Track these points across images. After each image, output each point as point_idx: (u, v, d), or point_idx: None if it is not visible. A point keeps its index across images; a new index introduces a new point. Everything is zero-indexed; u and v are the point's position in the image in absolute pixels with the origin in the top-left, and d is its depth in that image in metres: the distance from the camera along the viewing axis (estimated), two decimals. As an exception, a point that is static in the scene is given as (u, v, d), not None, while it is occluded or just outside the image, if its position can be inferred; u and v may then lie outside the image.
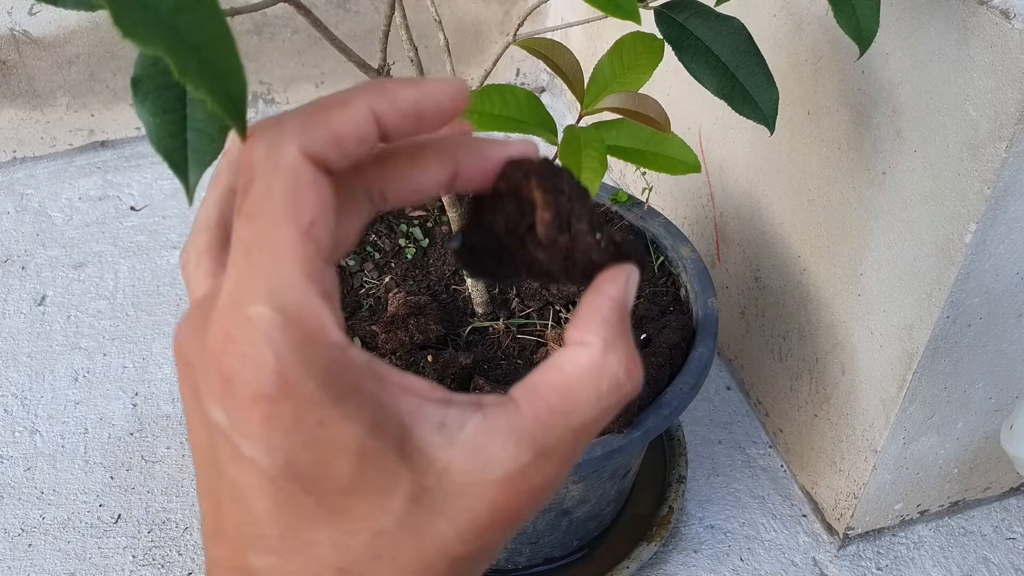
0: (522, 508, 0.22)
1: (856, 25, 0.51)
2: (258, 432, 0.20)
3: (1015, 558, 0.85)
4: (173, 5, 0.19)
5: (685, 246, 0.80)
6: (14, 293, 1.12)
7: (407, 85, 0.22)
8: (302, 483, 0.20)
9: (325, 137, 0.21)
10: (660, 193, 1.12)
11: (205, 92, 0.19)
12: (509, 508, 0.21)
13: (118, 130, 1.36)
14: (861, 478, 0.79)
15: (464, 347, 0.73)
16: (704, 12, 0.52)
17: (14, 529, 0.87)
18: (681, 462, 0.88)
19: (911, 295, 0.67)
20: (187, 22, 0.19)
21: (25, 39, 1.24)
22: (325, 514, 0.20)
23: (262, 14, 1.32)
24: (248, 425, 0.20)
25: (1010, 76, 0.53)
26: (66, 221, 1.23)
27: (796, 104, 0.76)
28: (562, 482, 0.23)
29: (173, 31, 0.19)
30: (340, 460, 0.20)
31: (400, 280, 0.79)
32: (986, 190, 0.57)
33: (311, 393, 0.19)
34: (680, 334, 0.71)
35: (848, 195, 0.71)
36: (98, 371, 1.02)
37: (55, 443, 0.94)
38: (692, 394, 0.67)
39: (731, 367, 1.01)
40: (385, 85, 0.22)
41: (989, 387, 0.74)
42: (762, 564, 0.84)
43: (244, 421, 0.20)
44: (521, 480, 0.21)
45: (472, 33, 1.43)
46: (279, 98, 1.40)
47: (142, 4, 0.19)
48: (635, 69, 0.51)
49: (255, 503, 0.21)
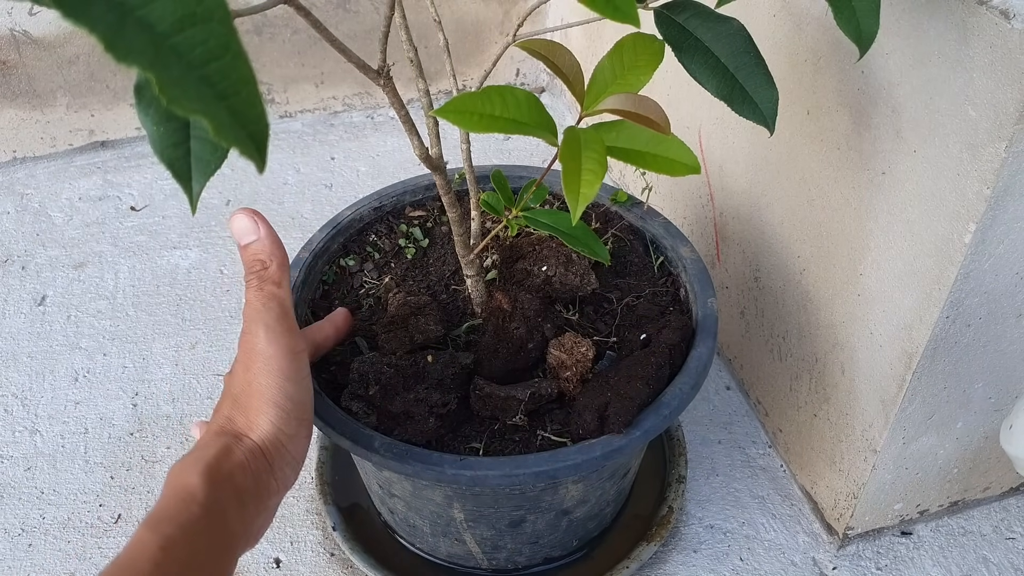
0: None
1: (856, 27, 0.51)
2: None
3: (1015, 558, 0.85)
4: (204, 55, 0.20)
5: (685, 246, 0.80)
6: (14, 293, 1.12)
7: (330, 328, 0.69)
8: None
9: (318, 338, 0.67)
10: (660, 193, 1.12)
11: (233, 142, 0.20)
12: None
13: (118, 130, 1.36)
14: (861, 478, 0.79)
15: (464, 347, 0.73)
16: (704, 13, 0.52)
17: (14, 529, 0.87)
18: (681, 462, 0.88)
19: (911, 295, 0.67)
20: (216, 70, 0.20)
21: (25, 39, 1.24)
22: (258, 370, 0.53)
23: (262, 15, 1.32)
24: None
25: (1010, 76, 0.53)
26: (66, 221, 1.23)
27: (796, 104, 0.76)
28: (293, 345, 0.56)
29: (205, 82, 0.20)
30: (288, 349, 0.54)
31: (400, 280, 0.79)
32: (985, 190, 0.57)
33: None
34: (680, 334, 0.71)
35: (848, 195, 0.72)
36: (98, 371, 1.02)
37: (55, 443, 0.94)
38: (692, 394, 0.67)
39: (731, 367, 1.01)
40: (325, 327, 0.69)
41: (989, 387, 0.74)
42: (762, 564, 0.84)
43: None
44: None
45: (472, 33, 1.43)
46: (279, 98, 1.40)
47: (177, 57, 0.19)
48: (635, 70, 0.51)
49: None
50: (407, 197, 0.87)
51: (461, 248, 0.70)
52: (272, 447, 0.52)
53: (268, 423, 0.52)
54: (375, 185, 1.24)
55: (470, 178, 0.70)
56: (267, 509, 0.54)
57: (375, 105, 1.45)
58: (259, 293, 0.54)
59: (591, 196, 0.44)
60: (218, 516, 0.47)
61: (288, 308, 0.54)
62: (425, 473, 0.62)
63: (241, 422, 0.52)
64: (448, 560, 0.80)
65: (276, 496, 0.53)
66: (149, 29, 0.19)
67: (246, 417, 0.52)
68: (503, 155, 1.37)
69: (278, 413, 0.52)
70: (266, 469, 0.52)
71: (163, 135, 0.35)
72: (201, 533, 0.46)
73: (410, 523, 0.77)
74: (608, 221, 0.84)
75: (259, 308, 0.53)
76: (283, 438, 0.52)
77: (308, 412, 0.55)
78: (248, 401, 0.52)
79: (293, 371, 0.53)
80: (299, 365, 0.54)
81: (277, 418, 0.52)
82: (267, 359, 0.52)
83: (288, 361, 0.53)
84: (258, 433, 0.52)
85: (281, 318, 0.53)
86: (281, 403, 0.52)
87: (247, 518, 0.50)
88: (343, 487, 0.87)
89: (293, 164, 1.34)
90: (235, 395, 0.53)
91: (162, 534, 0.44)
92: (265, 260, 0.54)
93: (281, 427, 0.52)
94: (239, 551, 0.50)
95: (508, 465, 0.62)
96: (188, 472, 0.48)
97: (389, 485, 0.73)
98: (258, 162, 0.22)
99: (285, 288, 0.55)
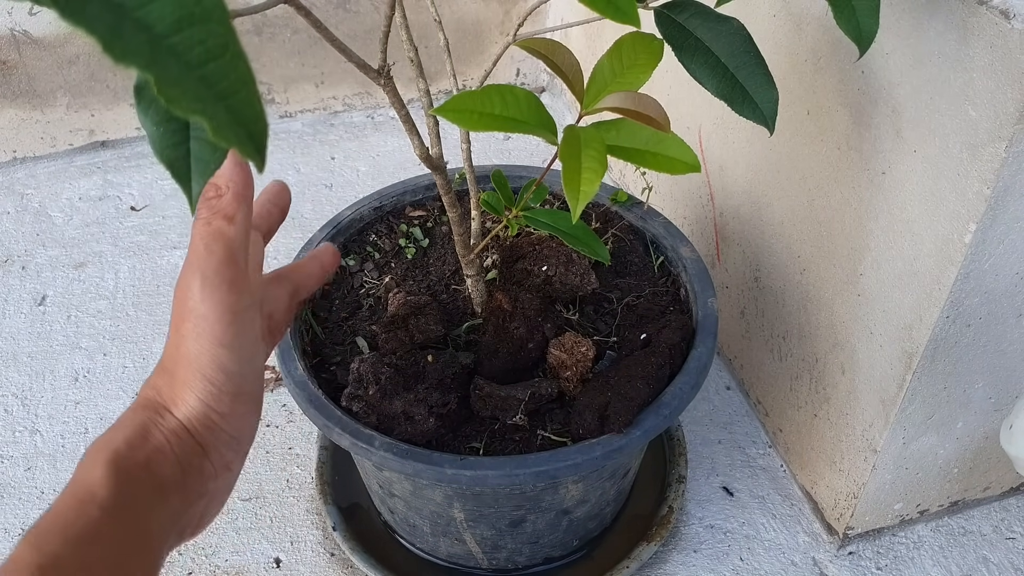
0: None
1: (856, 26, 0.51)
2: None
3: (1015, 558, 0.85)
4: (203, 55, 0.20)
5: (685, 246, 0.80)
6: (14, 293, 1.12)
7: (314, 266, 0.55)
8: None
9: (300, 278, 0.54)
10: (660, 193, 1.12)
11: (232, 142, 0.20)
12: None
13: (118, 130, 1.36)
14: (861, 478, 0.79)
15: (464, 347, 0.73)
16: (704, 12, 0.52)
17: (14, 529, 0.87)
18: (681, 462, 0.88)
19: (911, 295, 0.67)
20: (215, 70, 0.20)
21: (25, 39, 1.24)
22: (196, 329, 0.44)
23: (262, 15, 1.32)
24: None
25: (1010, 76, 0.53)
26: (66, 221, 1.23)
27: (796, 104, 0.76)
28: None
29: (204, 82, 0.19)
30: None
31: (400, 280, 0.79)
32: (985, 190, 0.57)
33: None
34: (680, 334, 0.71)
35: (848, 195, 0.71)
36: (98, 371, 1.02)
37: (55, 443, 0.94)
38: (692, 394, 0.67)
39: (731, 367, 1.01)
40: (308, 264, 0.55)
41: (989, 387, 0.74)
42: (762, 564, 0.84)
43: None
44: None
45: (472, 33, 1.43)
46: (279, 98, 1.40)
47: (175, 57, 0.19)
48: (635, 69, 0.51)
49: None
50: (407, 197, 0.87)
51: (461, 248, 0.70)
52: (201, 426, 0.43)
53: (195, 399, 0.43)
54: (375, 185, 1.24)
55: (470, 178, 0.70)
56: (206, 494, 0.45)
57: (375, 105, 1.45)
58: (205, 228, 0.43)
59: (591, 194, 0.44)
60: (126, 516, 0.40)
61: (236, 252, 0.43)
62: (425, 473, 0.62)
63: (167, 394, 0.44)
64: (448, 560, 0.80)
65: (218, 480, 0.45)
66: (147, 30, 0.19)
67: (172, 389, 0.43)
68: (503, 155, 1.37)
69: (207, 388, 0.43)
70: (197, 451, 0.43)
71: (163, 135, 0.35)
72: (98, 541, 0.38)
73: (410, 523, 0.77)
74: (608, 221, 0.84)
75: (200, 250, 0.43)
76: (215, 416, 0.44)
77: (249, 385, 0.45)
78: (175, 369, 0.43)
79: (230, 336, 0.43)
80: (239, 328, 0.43)
81: (206, 393, 0.43)
82: (198, 319, 0.43)
83: (225, 324, 0.43)
84: (183, 410, 0.43)
85: (224, 266, 0.43)
86: (211, 376, 0.43)
87: (172, 511, 0.42)
88: (343, 487, 0.87)
89: (293, 164, 1.34)
90: (164, 360, 0.44)
91: (44, 551, 0.36)
92: (220, 186, 0.43)
93: (211, 404, 0.43)
94: (163, 550, 0.42)
95: (508, 465, 0.62)
96: (92, 463, 0.40)
97: (389, 485, 0.73)
98: (258, 162, 0.22)
99: (239, 224, 0.43)
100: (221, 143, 0.20)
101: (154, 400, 0.43)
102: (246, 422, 0.45)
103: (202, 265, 0.42)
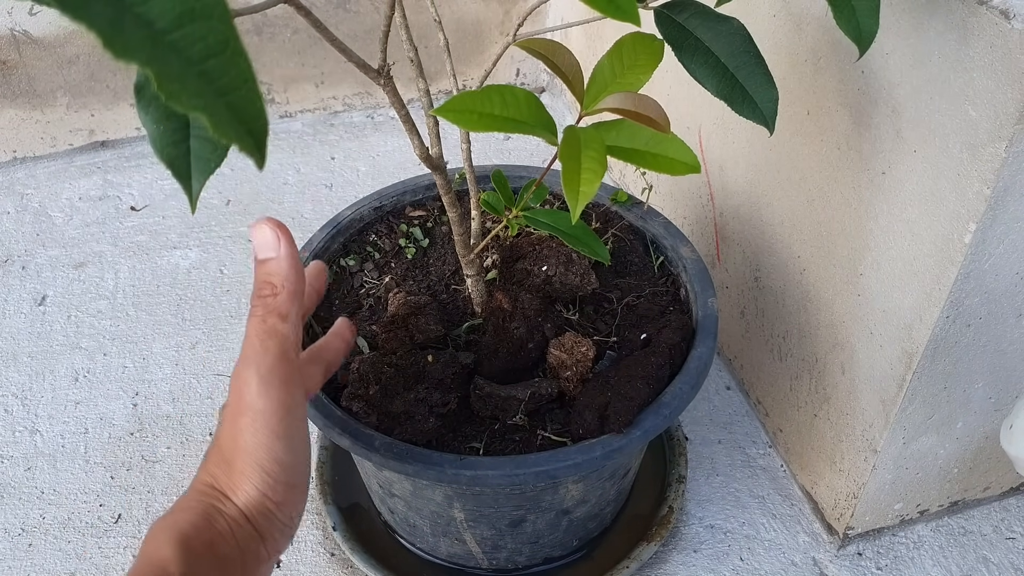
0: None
1: (856, 26, 0.51)
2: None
3: (1015, 558, 0.85)
4: (204, 51, 0.20)
5: (685, 246, 0.80)
6: (14, 293, 1.12)
7: (339, 343, 0.63)
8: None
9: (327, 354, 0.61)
10: (660, 193, 1.12)
11: (232, 139, 0.20)
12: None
13: (118, 130, 1.36)
14: (861, 478, 0.79)
15: (464, 347, 0.73)
16: (704, 12, 0.52)
17: (14, 529, 0.87)
18: (681, 462, 0.88)
19: (911, 295, 0.67)
20: (216, 66, 0.20)
21: (25, 39, 1.24)
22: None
23: (262, 14, 1.32)
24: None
25: (1010, 76, 0.53)
26: (66, 221, 1.23)
27: (796, 104, 0.76)
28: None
29: (205, 79, 0.19)
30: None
31: (400, 280, 0.79)
32: (985, 190, 0.57)
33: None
34: (680, 334, 0.71)
35: (848, 195, 0.72)
36: (98, 371, 1.02)
37: (55, 443, 0.94)
38: (692, 394, 0.67)
39: (731, 367, 1.01)
40: (333, 341, 0.63)
41: (989, 387, 0.74)
42: (762, 564, 0.84)
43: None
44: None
45: (472, 33, 1.43)
46: (279, 98, 1.40)
47: (176, 53, 0.19)
48: (635, 69, 0.51)
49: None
50: (407, 197, 0.87)
51: (461, 248, 0.70)
52: (259, 514, 0.47)
53: (253, 488, 0.47)
54: (375, 185, 1.24)
55: (470, 178, 0.70)
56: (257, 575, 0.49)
57: (375, 105, 1.45)
58: (260, 325, 0.47)
59: (591, 194, 0.44)
60: None
61: (289, 349, 0.48)
62: (425, 473, 0.62)
63: (224, 482, 0.47)
64: (448, 560, 0.80)
65: (267, 563, 0.49)
66: (148, 25, 0.19)
67: (229, 478, 0.47)
68: (503, 155, 1.37)
69: (264, 479, 0.47)
70: (254, 537, 0.47)
71: (163, 133, 0.35)
72: None
73: (410, 523, 0.77)
74: (608, 221, 0.84)
75: (256, 347, 0.47)
76: (270, 505, 0.47)
77: (300, 475, 0.49)
78: (233, 458, 0.47)
79: (284, 429, 0.47)
80: (292, 422, 0.48)
81: (263, 484, 0.47)
82: (256, 414, 0.46)
83: (280, 418, 0.47)
84: (242, 498, 0.47)
85: (278, 363, 0.47)
86: (268, 467, 0.47)
87: None
88: (343, 487, 0.87)
89: (293, 164, 1.34)
90: (221, 447, 0.48)
91: None
92: (276, 285, 0.48)
93: (267, 494, 0.47)
94: None
95: (508, 465, 0.62)
96: (163, 541, 0.44)
97: (389, 485, 0.73)
98: (257, 159, 0.22)
99: (292, 322, 0.48)
100: (221, 139, 0.20)
101: (213, 487, 0.47)
102: (296, 511, 0.49)
103: (258, 361, 0.47)
